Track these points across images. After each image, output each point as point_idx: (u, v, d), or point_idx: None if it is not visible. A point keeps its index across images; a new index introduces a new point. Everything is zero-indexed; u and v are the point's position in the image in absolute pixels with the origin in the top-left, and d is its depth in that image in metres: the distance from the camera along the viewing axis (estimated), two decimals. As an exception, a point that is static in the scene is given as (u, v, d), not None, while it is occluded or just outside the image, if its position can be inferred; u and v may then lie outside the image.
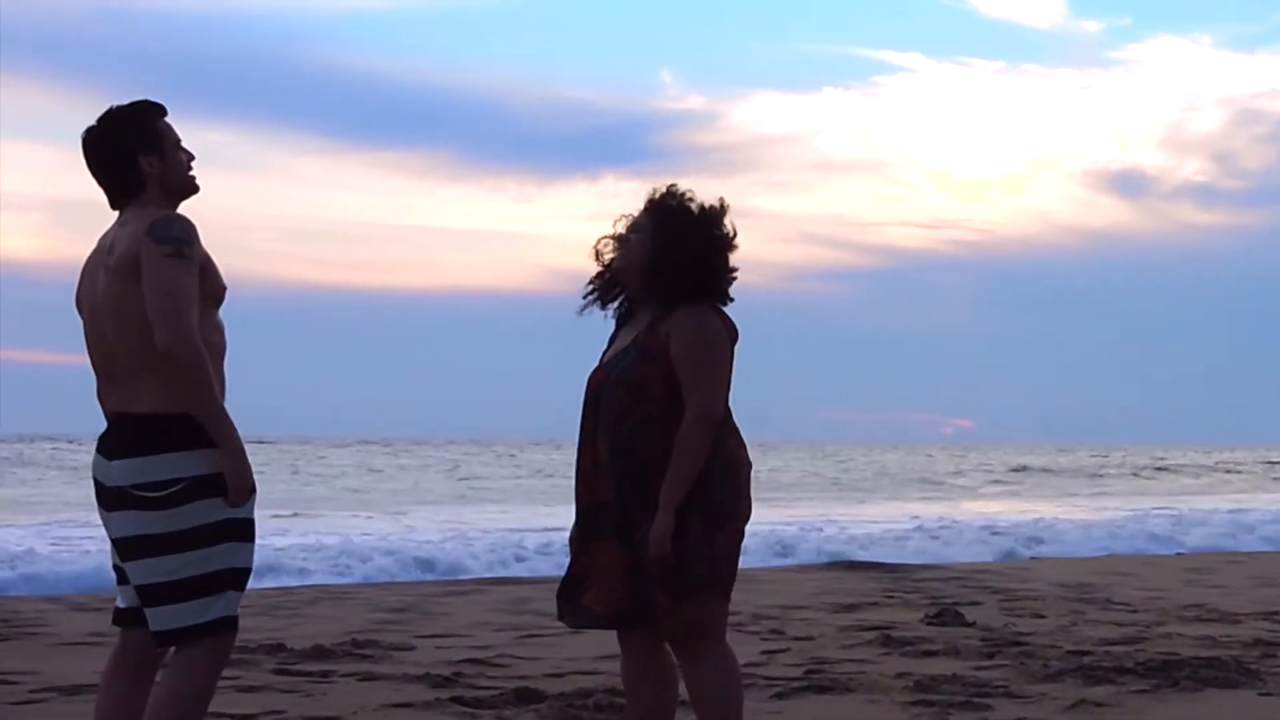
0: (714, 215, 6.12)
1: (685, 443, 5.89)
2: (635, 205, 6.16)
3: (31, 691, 9.12)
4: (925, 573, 18.62)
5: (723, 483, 5.99)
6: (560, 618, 6.25)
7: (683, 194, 6.15)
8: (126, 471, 5.35)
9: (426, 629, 12.41)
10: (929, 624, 12.59)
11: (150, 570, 5.37)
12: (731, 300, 6.15)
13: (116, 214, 5.56)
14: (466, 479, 57.51)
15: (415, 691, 9.12)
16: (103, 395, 5.62)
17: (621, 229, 6.20)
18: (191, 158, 5.59)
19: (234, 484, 5.37)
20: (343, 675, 9.74)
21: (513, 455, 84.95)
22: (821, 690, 9.23)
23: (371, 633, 11.89)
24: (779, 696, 9.00)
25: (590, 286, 6.28)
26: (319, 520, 30.15)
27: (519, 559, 22.02)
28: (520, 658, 10.66)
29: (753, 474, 6.20)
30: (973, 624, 12.48)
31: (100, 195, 5.57)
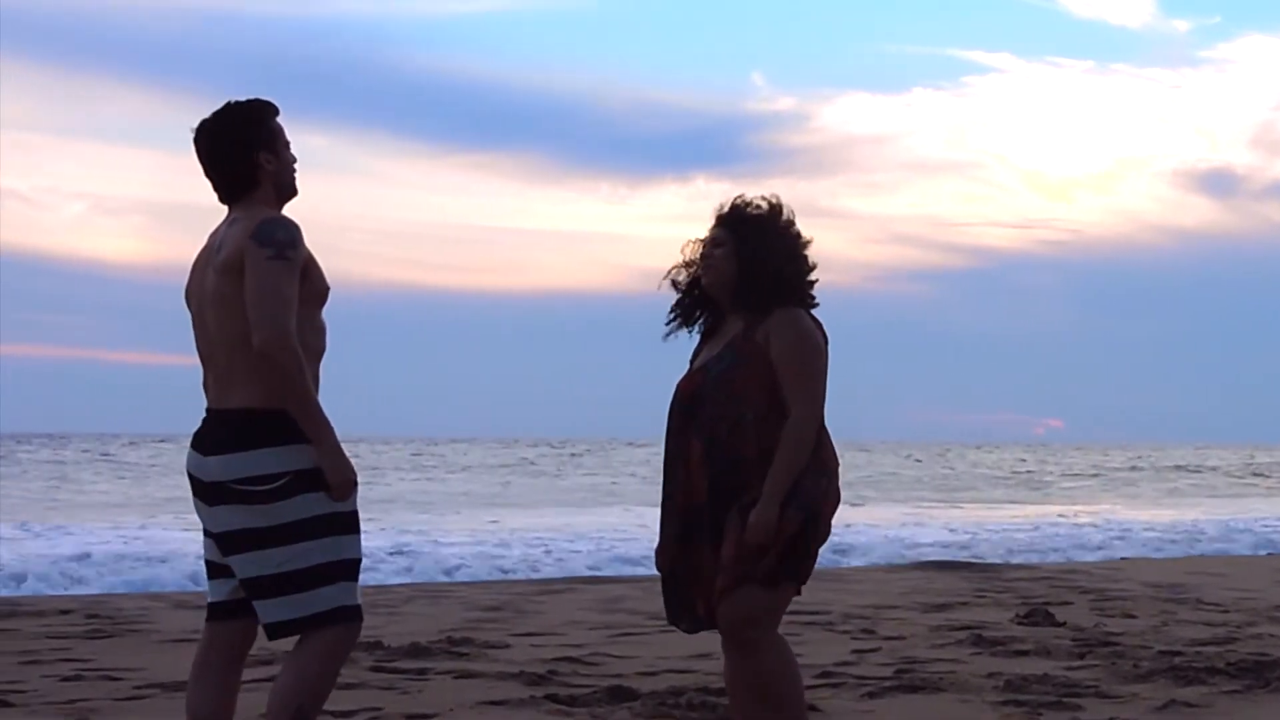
0: (788, 218, 6.14)
1: (790, 440, 5.88)
2: (711, 217, 6.16)
3: (136, 688, 9.19)
4: (1015, 573, 18.54)
5: (815, 480, 5.98)
6: (673, 623, 6.23)
7: (751, 202, 6.16)
8: (226, 466, 5.38)
9: (521, 627, 12.43)
10: (1020, 624, 12.51)
11: (255, 564, 5.39)
12: (817, 303, 6.15)
13: (225, 210, 5.59)
14: (558, 478, 57.65)
15: (510, 689, 9.13)
16: (206, 388, 5.67)
17: (690, 253, 6.21)
18: (294, 160, 5.63)
19: (334, 479, 5.39)
20: (439, 673, 9.75)
21: (604, 455, 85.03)
22: (912, 690, 9.19)
23: (467, 631, 11.91)
24: (870, 696, 8.96)
25: (673, 313, 6.28)
26: (413, 518, 30.29)
27: (613, 558, 22.07)
28: (613, 656, 10.65)
29: (841, 472, 6.18)
30: (1063, 624, 12.39)
31: (200, 197, 5.60)
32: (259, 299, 5.28)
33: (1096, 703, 8.70)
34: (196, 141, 5.54)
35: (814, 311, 6.13)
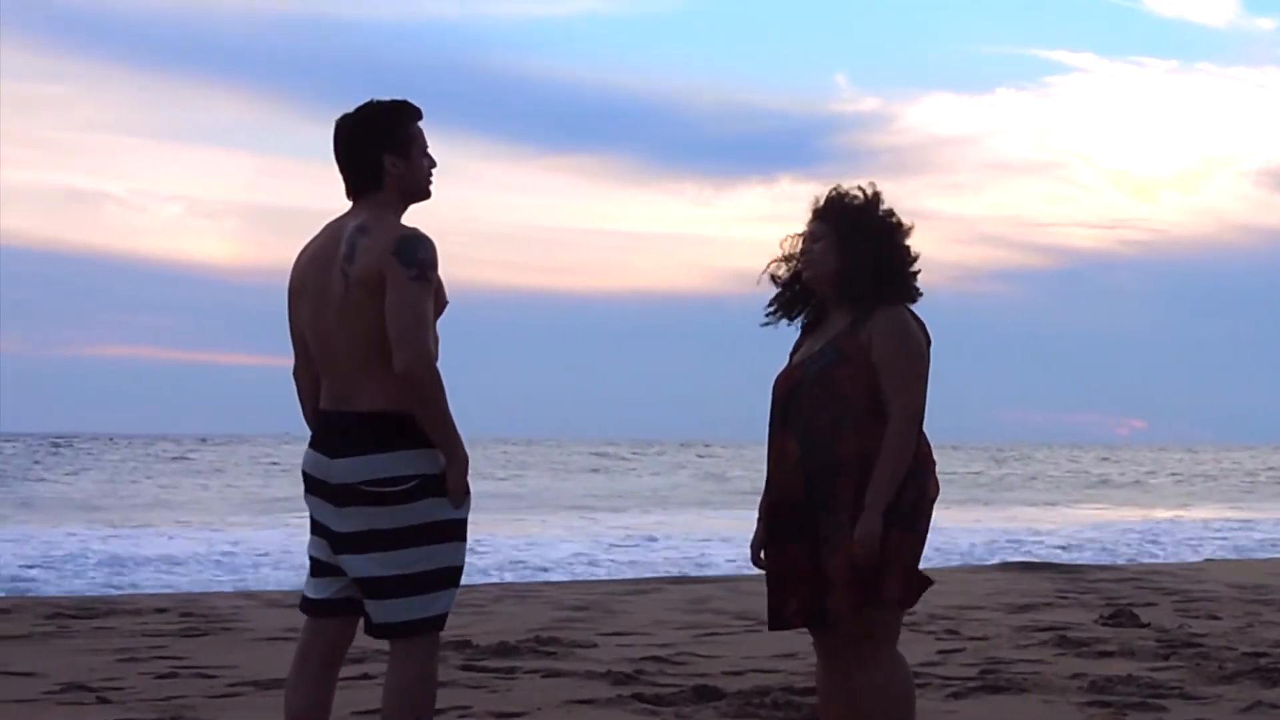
0: (887, 207, 6.04)
1: (893, 446, 5.81)
2: (807, 211, 6.10)
3: (229, 685, 9.25)
4: (1099, 574, 18.44)
5: (915, 488, 5.93)
6: (772, 626, 6.15)
7: (848, 193, 6.07)
8: (356, 468, 5.38)
9: (608, 627, 12.45)
10: (1104, 624, 12.45)
11: (379, 564, 5.40)
12: (920, 294, 6.06)
13: (316, 212, 5.58)
14: (643, 478, 57.69)
15: (597, 688, 9.14)
16: (306, 385, 5.66)
17: (788, 248, 6.14)
18: (434, 165, 5.62)
19: (455, 486, 5.41)
20: (526, 672, 9.78)
21: (689, 455, 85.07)
22: (996, 690, 9.15)
23: (554, 630, 11.94)
24: (954, 696, 8.93)
25: (772, 305, 6.19)
26: (502, 518, 30.37)
27: (699, 558, 22.08)
28: (699, 655, 10.64)
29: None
30: (1147, 625, 12.32)
31: (291, 200, 5.62)
32: (401, 319, 5.27)
33: (1181, 704, 8.64)
34: (334, 135, 5.56)
35: (917, 305, 6.06)
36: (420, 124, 5.60)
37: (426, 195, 5.60)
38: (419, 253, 5.31)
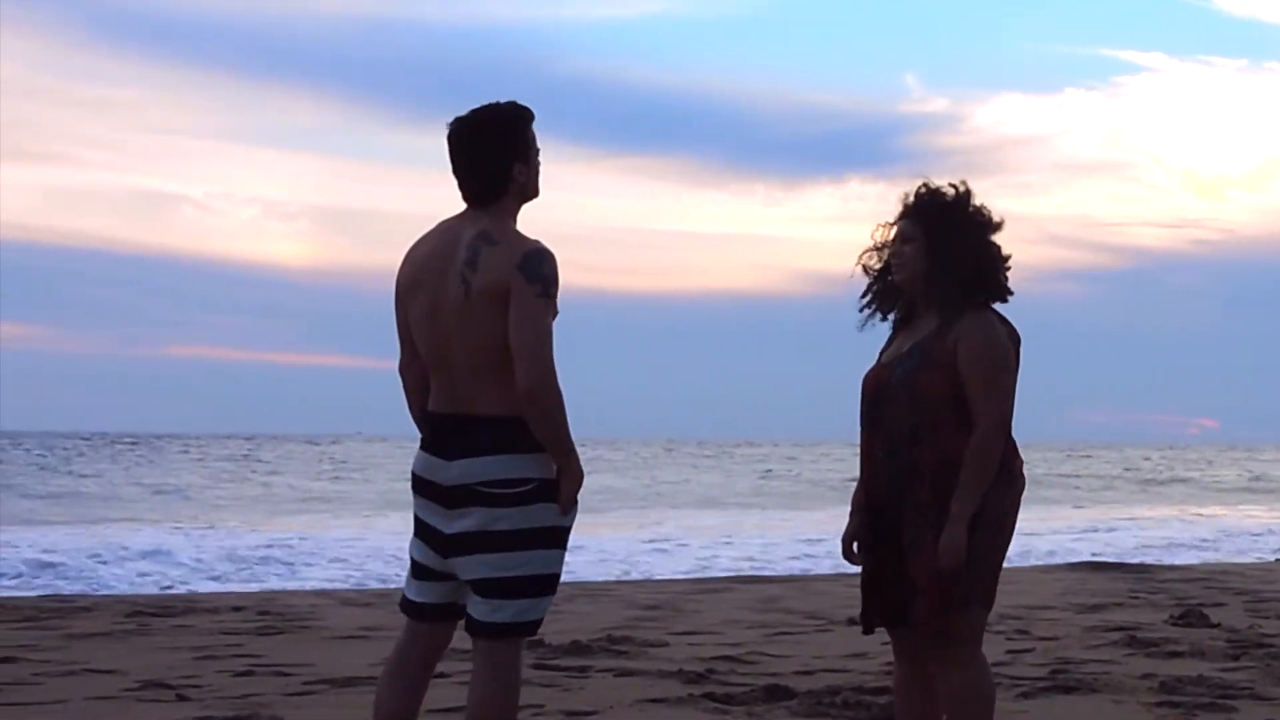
0: (976, 204, 5.99)
1: (978, 456, 5.76)
2: (880, 208, 6.07)
3: (305, 683, 9.30)
4: (1169, 574, 18.35)
5: (1000, 494, 5.89)
6: (865, 630, 6.15)
7: (938, 190, 6.00)
8: (474, 469, 5.37)
9: (679, 626, 12.46)
10: (1174, 625, 12.40)
11: (489, 565, 5.40)
12: (1012, 293, 6.00)
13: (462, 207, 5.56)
14: (713, 477, 57.65)
15: (669, 687, 9.14)
16: (413, 382, 5.64)
17: (880, 237, 6.09)
18: (540, 165, 5.61)
19: (568, 493, 5.43)
20: (599, 670, 9.80)
21: (758, 454, 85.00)
22: (1067, 690, 9.11)
23: (626, 629, 11.96)
24: (1024, 696, 8.89)
25: (865, 299, 6.15)
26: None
27: (768, 558, 22.07)
28: (770, 655, 10.63)
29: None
30: (1218, 625, 12.26)
31: (364, 202, 5.61)
32: (527, 336, 5.28)
33: (1251, 705, 8.60)
34: (451, 138, 5.51)
35: (1008, 304, 6.01)
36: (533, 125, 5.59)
37: (537, 195, 5.59)
38: (544, 269, 5.31)
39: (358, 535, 24.91)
